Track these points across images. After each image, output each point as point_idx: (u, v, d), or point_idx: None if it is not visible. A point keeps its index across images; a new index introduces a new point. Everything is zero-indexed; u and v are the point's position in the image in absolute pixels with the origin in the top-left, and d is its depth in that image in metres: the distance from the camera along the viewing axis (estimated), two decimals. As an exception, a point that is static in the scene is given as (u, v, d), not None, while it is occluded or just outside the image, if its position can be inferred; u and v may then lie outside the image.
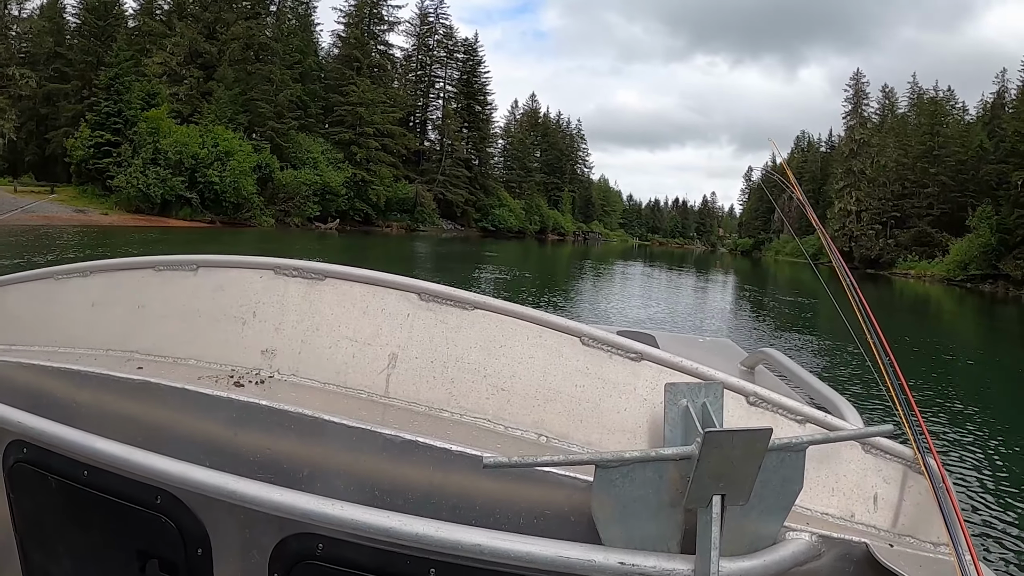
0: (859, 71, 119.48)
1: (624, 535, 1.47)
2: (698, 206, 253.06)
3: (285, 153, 77.06)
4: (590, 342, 1.77)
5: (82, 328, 2.14)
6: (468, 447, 1.62)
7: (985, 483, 8.10)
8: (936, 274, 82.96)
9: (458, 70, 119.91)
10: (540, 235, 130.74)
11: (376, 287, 1.92)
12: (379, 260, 41.50)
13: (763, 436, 1.34)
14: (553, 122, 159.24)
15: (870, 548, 1.57)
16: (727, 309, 34.67)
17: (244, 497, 1.56)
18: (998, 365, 21.41)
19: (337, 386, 1.86)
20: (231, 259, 2.07)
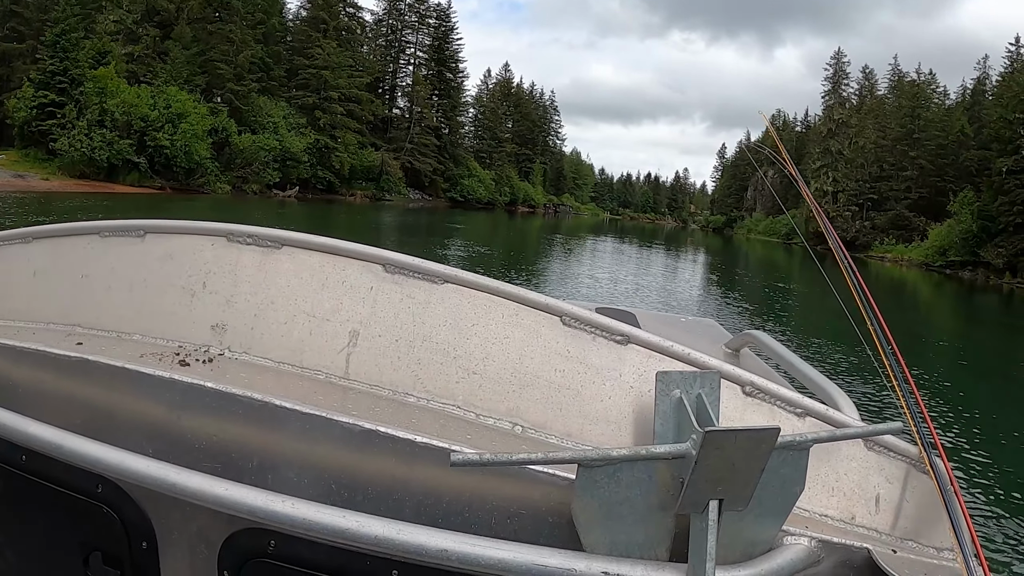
0: (840, 50, 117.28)
1: (608, 540, 1.37)
2: (670, 182, 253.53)
3: (244, 117, 73.39)
4: (571, 322, 1.65)
5: (23, 299, 2.02)
6: (435, 438, 1.50)
7: (994, 484, 7.58)
8: (914, 259, 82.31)
9: (429, 36, 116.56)
10: (510, 207, 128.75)
11: (337, 257, 1.78)
12: (337, 229, 39.31)
13: (770, 436, 1.22)
14: (526, 93, 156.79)
15: (872, 554, 1.50)
16: (705, 288, 33.29)
17: (186, 490, 1.45)
18: (990, 355, 21.06)
19: (293, 366, 1.74)
20: (181, 224, 1.92)
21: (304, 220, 44.40)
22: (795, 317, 24.00)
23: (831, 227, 2.64)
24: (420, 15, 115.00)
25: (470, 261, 31.63)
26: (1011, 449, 9.55)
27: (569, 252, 43.96)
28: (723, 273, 45.71)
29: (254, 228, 1.86)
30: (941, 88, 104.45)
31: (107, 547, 1.66)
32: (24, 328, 1.96)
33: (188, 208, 43.57)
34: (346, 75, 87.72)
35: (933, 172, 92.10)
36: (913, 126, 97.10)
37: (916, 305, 39.49)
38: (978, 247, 71.57)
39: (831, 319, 13.80)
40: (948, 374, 15.48)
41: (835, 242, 2.58)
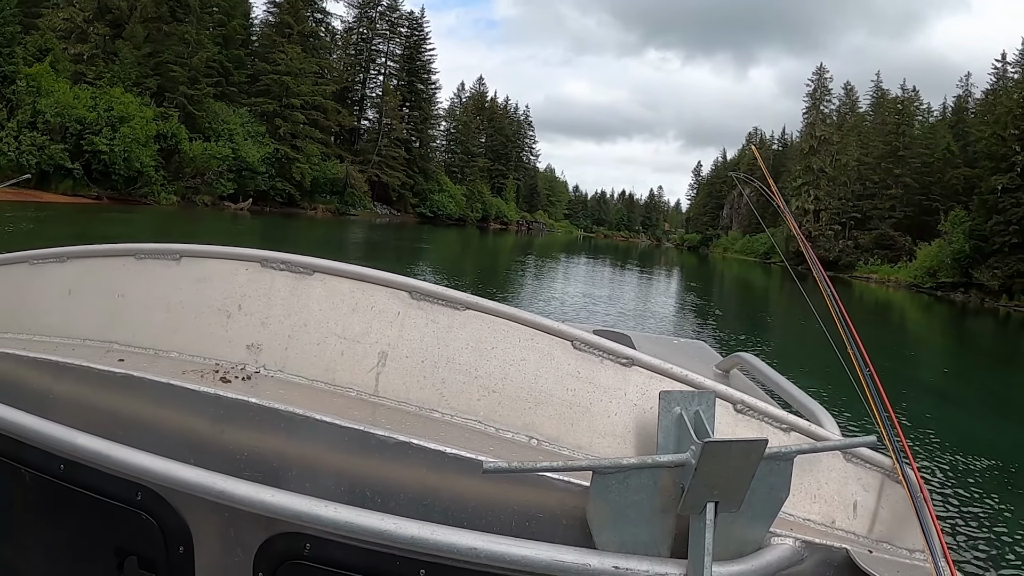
0: (822, 66, 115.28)
1: (617, 539, 1.51)
2: (644, 199, 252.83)
3: (199, 123, 68.05)
4: (581, 346, 1.80)
5: (58, 316, 2.11)
6: (462, 450, 1.64)
7: (960, 492, 8.09)
8: (901, 279, 79.80)
9: (401, 45, 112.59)
10: (482, 223, 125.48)
11: (366, 283, 1.91)
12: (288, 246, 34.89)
13: (759, 447, 1.40)
14: (500, 107, 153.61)
15: (850, 554, 1.65)
16: (686, 311, 31.48)
17: (233, 497, 1.54)
18: (975, 377, 21.58)
19: (325, 383, 1.86)
20: (216, 250, 2.03)
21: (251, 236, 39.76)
22: (776, 337, 24.13)
23: (809, 246, 2.71)
24: (392, 24, 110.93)
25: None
26: (978, 461, 10.06)
27: (542, 274, 40.52)
28: (703, 294, 43.59)
29: (288, 255, 1.95)
30: (925, 105, 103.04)
31: (144, 552, 1.73)
32: (62, 344, 2.02)
33: (123, 221, 38.79)
34: (310, 82, 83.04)
35: (918, 190, 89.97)
36: (898, 143, 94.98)
37: (906, 328, 38.19)
38: (971, 268, 68.79)
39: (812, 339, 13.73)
40: (931, 392, 16.24)
41: (813, 261, 2.69)
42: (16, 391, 1.87)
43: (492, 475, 1.45)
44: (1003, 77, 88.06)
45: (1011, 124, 67.84)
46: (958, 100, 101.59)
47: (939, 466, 9.26)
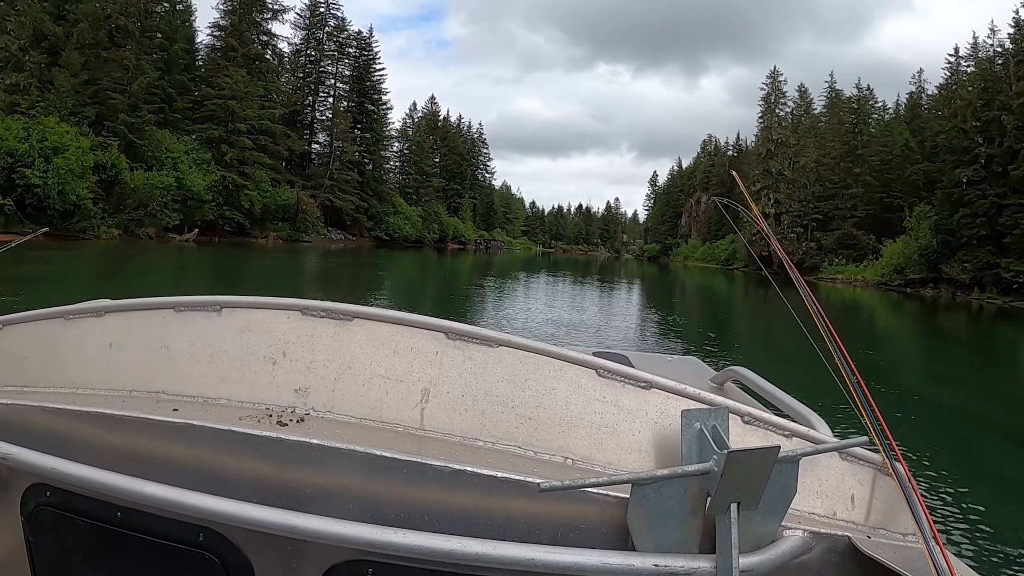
0: (775, 69, 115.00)
1: (655, 541, 1.67)
2: (602, 212, 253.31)
3: (140, 152, 64.99)
4: (605, 374, 1.94)
5: (100, 369, 2.14)
6: (511, 473, 1.77)
7: (945, 479, 8.64)
8: (869, 278, 79.68)
9: (350, 66, 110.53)
10: (439, 244, 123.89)
11: (404, 327, 2.01)
12: (220, 281, 33.29)
13: (773, 453, 1.57)
14: (453, 126, 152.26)
15: (852, 540, 1.83)
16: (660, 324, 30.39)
17: (306, 531, 1.64)
18: (953, 370, 22.15)
19: (374, 421, 1.96)
20: (256, 300, 2.11)
21: (189, 271, 37.25)
22: (759, 345, 24.34)
23: (782, 250, 2.82)
24: (340, 44, 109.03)
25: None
26: (960, 449, 11.11)
27: (504, 297, 38.42)
28: (673, 307, 42.67)
29: (327, 303, 2.05)
30: (880, 103, 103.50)
31: None
32: (109, 396, 2.06)
33: (59, 259, 35.79)
34: (256, 106, 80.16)
35: (878, 188, 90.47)
36: (856, 142, 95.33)
37: (880, 327, 37.95)
38: (940, 263, 68.78)
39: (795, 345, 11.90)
40: (911, 389, 16.73)
41: (793, 270, 2.79)
42: (68, 444, 1.90)
43: (547, 493, 1.60)
44: (957, 72, 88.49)
45: (971, 117, 68.10)
46: (911, 97, 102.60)
47: (926, 457, 9.60)
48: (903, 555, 1.79)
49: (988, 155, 66.04)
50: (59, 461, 1.81)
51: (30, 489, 1.95)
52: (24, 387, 2.18)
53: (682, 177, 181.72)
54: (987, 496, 8.43)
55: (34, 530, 1.98)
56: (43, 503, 1.93)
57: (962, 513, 7.60)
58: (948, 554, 1.71)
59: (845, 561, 1.84)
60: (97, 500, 1.82)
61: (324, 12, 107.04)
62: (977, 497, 8.23)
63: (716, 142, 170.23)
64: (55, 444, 1.89)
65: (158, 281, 27.17)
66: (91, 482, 1.76)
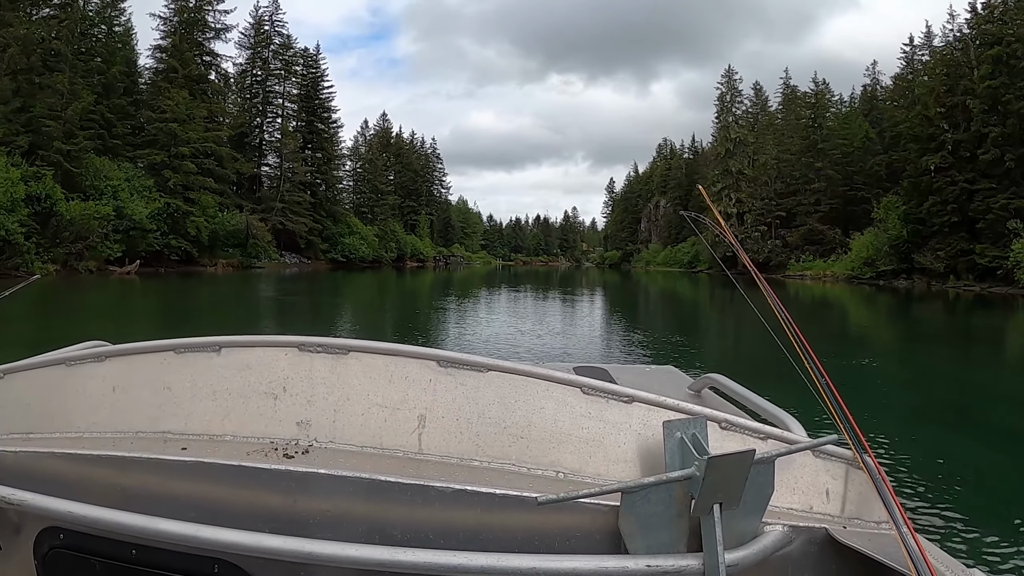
0: (730, 68, 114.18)
1: (645, 544, 1.79)
2: (560, 222, 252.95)
3: (78, 181, 61.28)
4: (589, 391, 2.05)
5: (105, 413, 2.19)
6: (508, 489, 1.87)
7: (917, 468, 8.85)
8: (838, 273, 78.13)
9: (297, 85, 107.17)
10: (398, 263, 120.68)
11: (398, 357, 2.10)
12: (151, 317, 30.08)
13: (749, 456, 1.70)
14: (407, 142, 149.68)
15: (829, 531, 1.96)
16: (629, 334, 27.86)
17: (320, 556, 1.72)
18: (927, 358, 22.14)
19: (375, 448, 2.05)
20: (254, 339, 2.18)
21: (128, 308, 34.15)
22: (729, 349, 23.90)
23: (745, 256, 2.98)
24: (286, 62, 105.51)
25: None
26: (934, 438, 11.12)
27: (467, 319, 35.32)
28: (638, 315, 41.02)
29: (323, 339, 2.13)
30: (836, 96, 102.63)
31: None
32: (116, 438, 2.12)
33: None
34: (201, 128, 76.30)
35: (841, 181, 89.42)
36: (816, 136, 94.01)
37: (853, 322, 36.82)
38: (912, 253, 67.64)
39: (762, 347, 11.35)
40: (885, 381, 16.66)
41: (752, 268, 2.95)
42: (79, 487, 1.96)
43: (544, 506, 1.71)
44: (912, 61, 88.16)
45: (935, 103, 66.96)
46: (866, 89, 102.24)
47: (898, 448, 9.83)
48: (877, 542, 1.91)
49: (955, 141, 64.83)
50: (73, 504, 1.86)
51: (43, 532, 2.01)
52: (30, 434, 2.22)
53: (639, 182, 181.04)
54: (957, 482, 8.72)
55: (48, 572, 2.04)
56: (57, 545, 2.00)
57: (929, 500, 7.79)
58: (919, 538, 1.83)
59: (824, 551, 1.96)
60: (112, 540, 1.90)
61: (269, 30, 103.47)
62: (947, 483, 8.52)
63: (672, 146, 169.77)
64: (66, 488, 1.94)
65: (90, 322, 24.08)
66: (106, 522, 1.83)
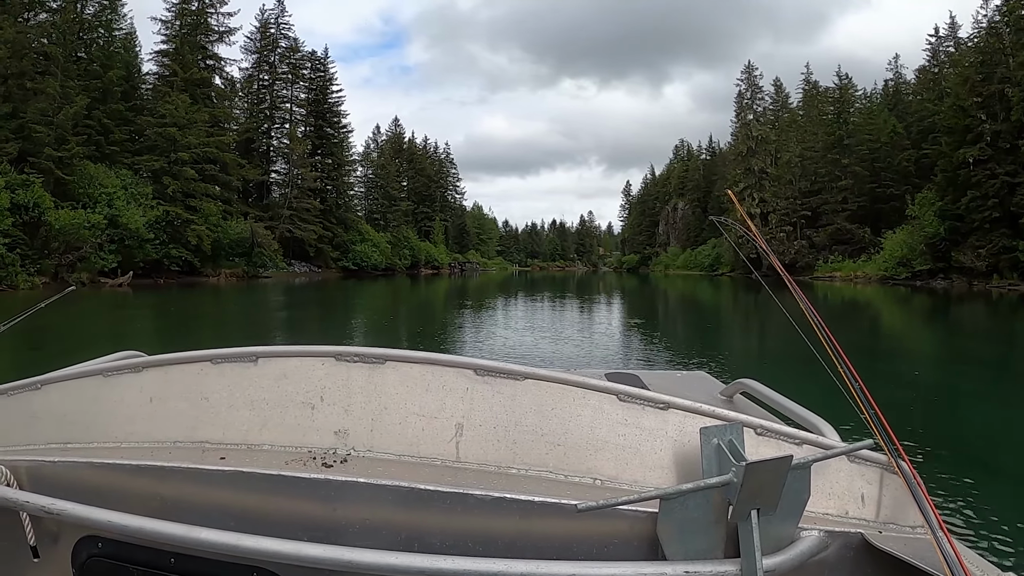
0: (750, 63, 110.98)
1: (683, 550, 1.79)
2: (576, 227, 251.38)
3: (70, 189, 58.38)
4: (626, 398, 2.07)
5: (142, 423, 2.23)
6: (547, 497, 1.87)
7: (948, 473, 8.63)
8: (870, 273, 75.00)
9: (305, 89, 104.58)
10: (412, 270, 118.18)
11: (434, 366, 2.12)
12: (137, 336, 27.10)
13: (786, 462, 1.70)
14: (419, 147, 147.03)
15: (865, 536, 1.93)
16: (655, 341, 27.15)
17: (360, 564, 1.72)
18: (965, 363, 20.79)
19: (412, 457, 2.07)
20: (290, 349, 2.20)
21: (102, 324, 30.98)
22: (759, 354, 23.11)
23: (772, 253, 2.86)
24: (293, 66, 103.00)
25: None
26: (971, 442, 10.83)
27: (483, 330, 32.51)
28: (662, 321, 39.49)
29: (360, 348, 2.15)
30: (860, 91, 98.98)
31: None
32: (154, 448, 2.15)
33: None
34: (202, 133, 73.09)
35: (868, 178, 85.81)
36: (842, 132, 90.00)
37: (885, 324, 35.43)
38: (949, 251, 64.22)
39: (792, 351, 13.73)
40: (923, 385, 16.26)
41: (780, 268, 2.88)
42: (117, 496, 1.99)
43: (584, 513, 1.69)
44: (937, 52, 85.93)
45: (970, 93, 63.44)
46: (887, 85, 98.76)
47: (935, 451, 9.69)
48: (913, 547, 1.88)
49: (993, 131, 61.93)
50: (113, 513, 1.87)
51: (81, 541, 2.05)
52: (68, 444, 2.26)
53: (656, 185, 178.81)
54: (993, 487, 8.43)
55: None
56: (95, 554, 2.03)
57: (965, 505, 7.51)
58: (955, 542, 1.81)
59: (859, 556, 1.94)
60: (150, 548, 1.93)
61: (275, 33, 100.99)
62: (984, 489, 8.22)
63: (688, 147, 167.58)
64: (104, 497, 1.95)
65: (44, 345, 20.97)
66: (147, 531, 1.83)
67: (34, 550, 2.10)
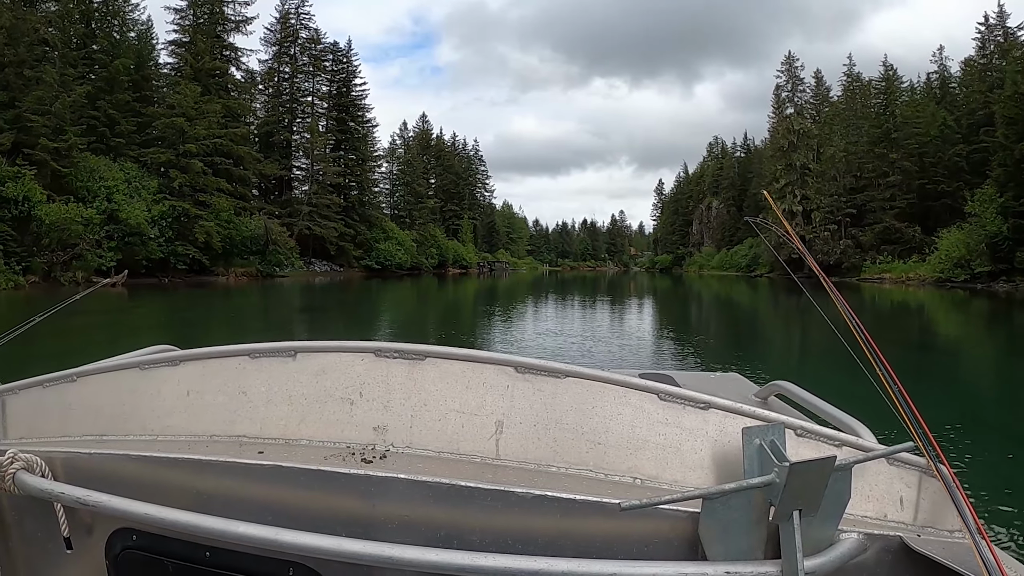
0: (791, 54, 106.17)
1: (724, 550, 1.78)
2: (607, 226, 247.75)
3: (68, 182, 54.64)
4: (667, 397, 2.04)
5: (180, 416, 2.22)
6: (588, 495, 1.85)
7: (988, 478, 8.71)
8: (924, 275, 69.57)
9: (327, 81, 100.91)
10: (439, 270, 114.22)
11: (475, 363, 2.10)
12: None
13: (829, 463, 1.68)
14: (448, 144, 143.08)
15: (903, 540, 1.91)
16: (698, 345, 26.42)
17: (401, 561, 1.72)
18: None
19: (451, 453, 2.05)
20: (329, 344, 2.18)
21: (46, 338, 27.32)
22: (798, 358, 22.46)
23: (810, 257, 2.80)
24: (314, 58, 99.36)
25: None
26: (1005, 450, 10.58)
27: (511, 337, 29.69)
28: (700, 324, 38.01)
29: (399, 344, 2.14)
30: (906, 83, 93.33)
31: None
32: (191, 442, 2.14)
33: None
34: (215, 125, 69.23)
35: (918, 174, 79.57)
36: (889, 124, 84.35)
37: (940, 329, 32.68)
38: (1013, 251, 59.52)
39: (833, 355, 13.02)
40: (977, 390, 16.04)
41: (818, 270, 2.85)
42: (153, 489, 1.96)
43: (629, 512, 1.67)
44: (987, 42, 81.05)
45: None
46: (928, 79, 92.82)
47: (978, 457, 9.61)
48: (952, 551, 1.86)
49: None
50: (148, 506, 1.87)
51: (115, 533, 2.05)
52: (103, 436, 2.27)
53: (690, 183, 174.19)
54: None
55: (120, 573, 2.07)
56: (130, 546, 2.03)
57: (1005, 509, 7.53)
58: (994, 548, 1.78)
59: (898, 559, 1.92)
60: (185, 541, 1.93)
61: (295, 24, 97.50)
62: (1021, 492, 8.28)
63: (723, 145, 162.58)
64: (140, 490, 1.95)
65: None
66: (183, 524, 1.83)
67: (67, 541, 2.09)
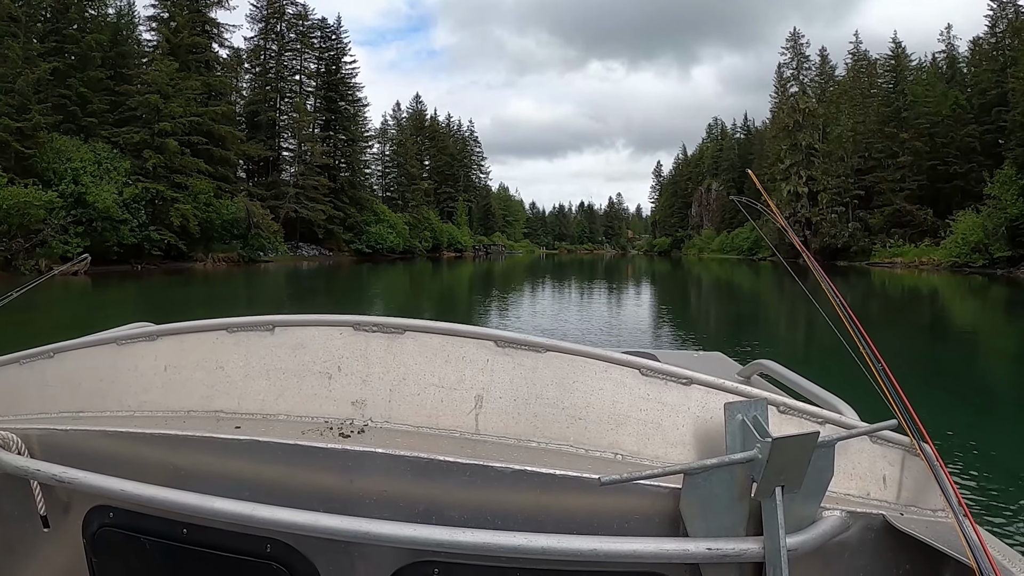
0: (796, 30, 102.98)
1: (706, 527, 1.77)
2: (604, 209, 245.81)
3: (33, 164, 51.18)
4: (649, 373, 2.02)
5: (157, 392, 2.19)
6: (567, 471, 1.84)
7: (970, 457, 8.93)
8: (939, 260, 66.38)
9: (315, 59, 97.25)
10: (433, 253, 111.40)
11: (454, 337, 2.08)
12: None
13: (812, 438, 1.67)
14: (442, 125, 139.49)
15: (886, 518, 1.93)
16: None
17: (377, 536, 1.74)
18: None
19: (431, 428, 2.03)
20: (308, 318, 2.16)
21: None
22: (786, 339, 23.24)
23: (799, 241, 2.81)
24: (302, 34, 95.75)
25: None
26: (989, 429, 11.10)
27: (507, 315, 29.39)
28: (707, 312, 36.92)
29: (378, 318, 2.11)
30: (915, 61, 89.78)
31: None
32: (168, 417, 2.11)
33: None
34: (193, 102, 65.74)
35: (929, 155, 76.26)
36: (899, 103, 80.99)
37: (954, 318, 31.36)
38: None
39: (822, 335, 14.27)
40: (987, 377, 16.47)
41: (805, 253, 2.86)
42: (130, 465, 1.95)
43: (606, 487, 1.65)
44: (999, 20, 77.81)
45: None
46: (934, 58, 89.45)
47: (955, 436, 9.82)
48: (935, 530, 1.89)
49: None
50: (126, 482, 1.88)
51: (93, 511, 2.03)
52: (80, 412, 2.23)
53: (688, 165, 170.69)
54: (1013, 469, 8.70)
55: (97, 551, 2.06)
56: (107, 524, 2.02)
57: (986, 489, 7.80)
58: (977, 527, 1.81)
59: (881, 537, 1.94)
60: (162, 518, 1.92)
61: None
62: (1004, 472, 8.50)
63: (722, 126, 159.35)
64: (117, 467, 1.95)
65: None
66: (160, 501, 1.84)
67: (44, 520, 2.08)
